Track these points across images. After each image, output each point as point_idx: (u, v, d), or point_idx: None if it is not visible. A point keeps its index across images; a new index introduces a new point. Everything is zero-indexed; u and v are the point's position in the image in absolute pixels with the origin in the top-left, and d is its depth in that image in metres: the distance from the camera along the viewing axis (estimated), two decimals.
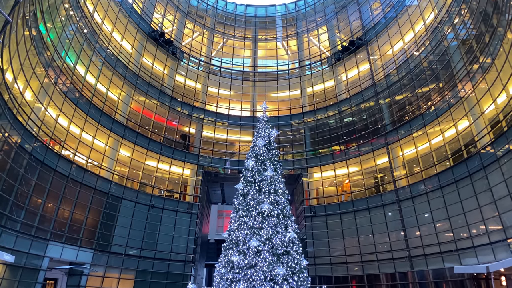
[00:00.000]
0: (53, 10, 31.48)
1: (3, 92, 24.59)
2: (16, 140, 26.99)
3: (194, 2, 57.25)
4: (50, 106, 31.85)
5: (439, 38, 36.44)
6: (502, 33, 27.27)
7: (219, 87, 50.98)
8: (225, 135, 47.39)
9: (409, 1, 43.06)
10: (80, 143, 34.85)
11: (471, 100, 31.57)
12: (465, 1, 32.85)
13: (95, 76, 38.34)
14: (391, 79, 41.64)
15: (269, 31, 58.62)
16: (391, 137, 39.46)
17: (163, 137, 43.42)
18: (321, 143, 45.72)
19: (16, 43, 25.23)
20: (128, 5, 45.52)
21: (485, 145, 28.82)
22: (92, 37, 38.09)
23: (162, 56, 47.66)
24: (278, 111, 49.48)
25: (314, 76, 50.96)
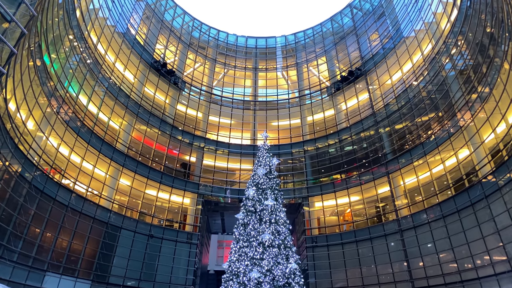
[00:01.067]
0: (58, 42, 32.13)
1: (5, 122, 24.77)
2: (17, 169, 26.97)
3: (196, 33, 58.52)
4: (52, 135, 32.01)
5: (437, 68, 37.00)
6: (499, 64, 27.70)
7: (220, 116, 51.38)
8: (226, 163, 47.37)
9: (406, 32, 43.98)
10: (80, 172, 34.81)
11: (470, 129, 31.72)
12: (462, 33, 33.55)
13: (97, 105, 38.71)
14: (391, 109, 41.99)
15: (269, 61, 59.62)
16: (392, 166, 39.42)
17: (164, 165, 43.40)
18: (322, 171, 45.62)
19: (20, 74, 25.62)
20: (131, 36, 46.50)
21: (486, 174, 28.74)
22: (95, 68, 38.71)
23: (164, 86, 48.29)
24: (279, 140, 49.66)
25: (314, 105, 51.43)
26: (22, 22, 20.28)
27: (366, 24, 52.05)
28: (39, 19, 25.45)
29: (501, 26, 25.68)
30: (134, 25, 48.29)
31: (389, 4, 49.28)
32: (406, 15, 44.45)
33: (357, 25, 53.62)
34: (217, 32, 60.74)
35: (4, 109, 24.49)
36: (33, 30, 24.82)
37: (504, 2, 22.89)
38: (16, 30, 20.10)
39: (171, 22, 55.90)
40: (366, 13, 53.46)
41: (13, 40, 20.10)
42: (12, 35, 20.10)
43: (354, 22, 54.68)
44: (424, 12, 41.03)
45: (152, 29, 51.40)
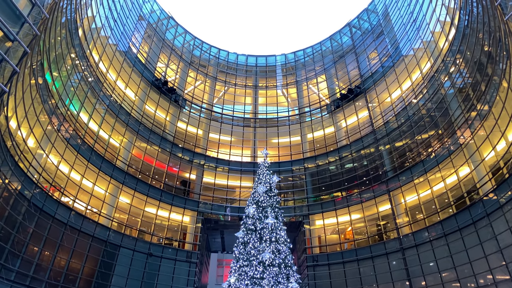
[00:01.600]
0: (60, 60, 32.45)
1: (6, 139, 24.82)
2: (16, 187, 26.89)
3: (197, 52, 59.14)
4: (52, 153, 32.02)
5: (436, 86, 37.24)
6: (498, 82, 27.89)
7: (220, 133, 51.49)
8: (226, 181, 47.24)
9: (405, 51, 44.42)
10: (80, 190, 34.69)
11: (471, 147, 31.73)
12: (460, 51, 33.88)
13: (98, 123, 38.84)
14: (391, 126, 42.10)
15: (269, 79, 60.08)
16: (393, 183, 39.29)
17: (163, 183, 43.26)
18: (323, 189, 45.45)
19: (22, 92, 25.79)
20: (132, 55, 46.98)
21: (487, 192, 28.63)
22: (96, 85, 38.99)
23: (165, 103, 48.55)
24: (279, 157, 49.62)
25: (314, 122, 51.60)
26: (25, 41, 20.51)
27: (365, 43, 52.63)
28: (41, 38, 25.76)
29: (498, 45, 25.94)
30: (136, 43, 48.84)
31: (388, 23, 49.93)
32: (404, 34, 44.98)
33: (356, 43, 54.21)
34: (217, 50, 61.39)
35: (5, 127, 24.57)
36: (35, 49, 25.10)
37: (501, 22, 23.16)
38: (19, 49, 20.32)
39: (173, 41, 56.54)
40: (365, 32, 54.11)
41: (16, 58, 20.30)
42: (15, 53, 20.31)
43: (353, 41, 55.29)
44: (422, 31, 41.52)
45: (154, 48, 51.95)
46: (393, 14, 49.20)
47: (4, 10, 18.83)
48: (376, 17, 53.73)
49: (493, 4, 22.45)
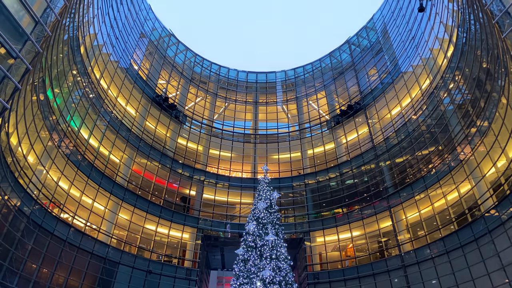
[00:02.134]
0: (61, 77, 32.71)
1: (7, 155, 24.84)
2: (15, 203, 26.79)
3: (197, 69, 59.64)
4: (52, 169, 32.00)
5: (436, 103, 37.41)
6: (497, 98, 28.03)
7: (221, 149, 51.50)
8: (226, 197, 47.04)
9: (404, 68, 44.78)
10: (79, 206, 34.53)
11: (471, 163, 31.70)
12: (459, 68, 34.14)
13: (99, 139, 38.91)
14: (391, 142, 42.14)
15: (269, 95, 60.41)
16: (394, 200, 39.12)
17: (163, 199, 43.08)
18: (323, 205, 45.23)
19: (23, 108, 25.91)
20: (134, 71, 47.36)
21: (489, 209, 28.48)
22: (97, 102, 39.19)
23: (165, 119, 48.71)
24: (279, 173, 49.52)
25: (314, 138, 51.67)
26: (28, 58, 20.70)
27: (364, 60, 53.09)
28: (44, 55, 26.00)
29: (496, 62, 26.16)
30: (137, 60, 49.28)
31: (387, 41, 50.45)
32: (403, 51, 45.41)
33: (356, 60, 54.69)
34: (218, 67, 61.91)
35: (6, 143, 24.61)
36: (37, 66, 25.31)
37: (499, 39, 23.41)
38: (21, 66, 20.50)
39: (174, 58, 57.07)
40: (364, 49, 54.65)
41: (18, 75, 20.46)
42: (17, 70, 20.48)
43: (352, 58, 55.80)
44: (421, 48, 41.92)
45: (155, 65, 52.40)
46: (391, 32, 49.76)
47: (8, 28, 19.07)
48: (375, 34, 54.34)
49: (490, 22, 22.72)
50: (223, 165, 50.05)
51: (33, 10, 20.34)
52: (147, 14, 55.01)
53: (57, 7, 22.89)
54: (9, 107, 20.36)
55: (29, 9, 20.03)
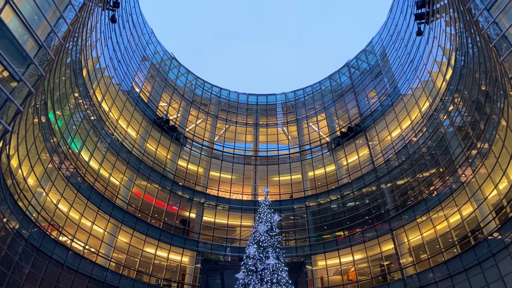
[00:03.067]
0: (63, 99, 32.95)
1: (7, 178, 24.78)
2: (14, 226, 26.56)
3: (198, 91, 60.16)
4: (52, 191, 31.86)
5: (436, 125, 37.53)
6: (496, 121, 28.12)
7: (221, 171, 51.39)
8: (226, 220, 46.64)
9: (403, 90, 45.14)
10: (78, 229, 34.21)
11: (473, 185, 31.55)
12: (458, 90, 34.40)
13: (99, 161, 38.90)
14: (391, 164, 42.07)
15: (270, 117, 60.71)
16: (395, 222, 38.75)
17: (163, 222, 42.71)
18: (325, 228, 44.79)
19: (24, 130, 26.01)
20: (135, 94, 47.74)
21: (491, 232, 28.19)
22: (98, 124, 39.36)
23: (166, 141, 48.79)
24: (280, 195, 49.23)
25: (315, 160, 51.62)
26: (30, 81, 20.91)
27: (363, 82, 53.57)
28: (46, 78, 26.27)
29: (495, 85, 26.37)
30: (139, 83, 49.75)
31: (386, 64, 51.02)
32: (402, 74, 45.87)
33: (355, 83, 55.17)
34: (219, 90, 62.44)
35: (6, 165, 24.59)
36: (40, 89, 25.54)
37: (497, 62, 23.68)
38: (24, 88, 20.69)
39: (175, 80, 57.62)
40: (364, 72, 55.21)
41: (20, 98, 20.63)
42: (20, 93, 20.66)
43: (352, 81, 56.31)
44: (420, 71, 42.36)
45: (156, 87, 52.86)
46: (390, 55, 50.38)
47: (11, 52, 19.34)
48: (374, 57, 55.00)
49: (488, 45, 23.04)
50: (224, 187, 49.84)
51: (37, 34, 20.68)
52: (149, 38, 55.84)
53: (60, 31, 23.27)
54: (10, 129, 20.45)
55: (33, 33, 20.36)
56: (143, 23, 54.36)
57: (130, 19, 48.79)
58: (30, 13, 20.38)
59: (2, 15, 18.18)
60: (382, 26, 55.53)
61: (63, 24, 23.27)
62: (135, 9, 50.62)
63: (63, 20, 23.06)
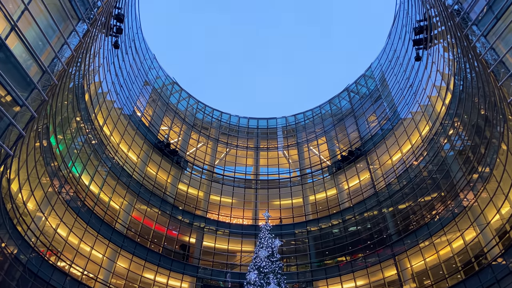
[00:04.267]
0: (65, 123, 33.14)
1: (6, 202, 24.67)
2: (12, 251, 26.26)
3: (200, 115, 60.56)
4: (51, 216, 31.64)
5: (436, 149, 37.56)
6: (497, 145, 28.16)
7: (221, 195, 51.11)
8: (226, 245, 46.07)
9: (403, 114, 45.39)
10: (77, 254, 33.78)
11: (475, 210, 31.32)
12: (457, 115, 34.58)
13: (99, 185, 38.78)
14: (393, 188, 41.88)
15: (270, 141, 60.84)
16: (398, 247, 38.26)
17: (162, 247, 42.20)
18: (326, 253, 44.19)
19: (26, 154, 26.05)
20: (137, 118, 48.03)
21: (495, 257, 27.80)
22: (99, 148, 39.44)
23: (167, 165, 48.75)
24: (281, 220, 48.80)
25: (316, 184, 51.42)
26: (33, 106, 21.09)
27: (363, 107, 53.93)
28: (49, 103, 26.51)
29: (494, 109, 26.55)
30: (140, 107, 50.12)
31: (385, 88, 51.49)
32: (402, 98, 46.22)
33: (355, 107, 55.54)
34: (220, 113, 62.84)
35: (6, 189, 24.52)
36: (42, 113, 25.74)
37: (495, 87, 23.93)
38: (27, 113, 20.85)
39: (176, 104, 58.07)
40: (363, 96, 55.67)
41: (23, 123, 20.76)
42: (22, 118, 20.80)
43: (352, 105, 56.70)
44: (419, 95, 42.71)
45: (158, 111, 53.22)
46: (389, 79, 50.90)
47: (15, 77, 19.59)
48: (373, 82, 55.56)
49: (486, 70, 23.31)
50: (224, 212, 49.48)
51: (41, 60, 21.01)
52: (151, 63, 56.60)
53: (64, 57, 23.62)
54: (12, 153, 20.49)
55: (37, 58, 20.68)
56: (145, 49, 55.20)
57: (132, 44, 49.58)
58: (35, 39, 20.77)
59: (8, 41, 18.54)
60: (381, 52, 56.35)
61: (67, 50, 23.66)
62: (137, 35, 51.50)
63: (67, 46, 23.45)
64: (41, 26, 20.64)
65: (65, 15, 22.70)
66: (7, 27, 18.56)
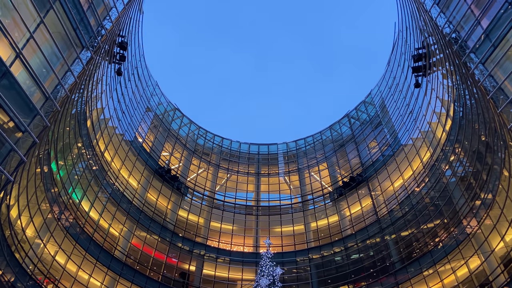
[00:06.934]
0: (67, 149, 33.21)
1: (5, 228, 24.44)
2: (9, 279, 25.81)
3: (201, 141, 60.69)
4: (50, 242, 31.27)
5: (438, 175, 37.40)
6: (499, 171, 28.04)
7: (222, 222, 50.56)
8: (227, 273, 45.22)
9: (404, 140, 45.44)
10: (75, 282, 33.17)
11: (479, 237, 30.89)
12: (458, 141, 34.61)
13: (99, 211, 38.49)
14: (395, 215, 41.47)
15: (271, 167, 60.70)
16: (401, 275, 37.53)
17: (162, 275, 41.45)
18: (329, 282, 43.28)
19: (26, 180, 25.99)
20: (138, 144, 48.16)
21: (501, 286, 27.25)
22: (100, 174, 39.36)
23: (167, 191, 48.50)
24: (282, 247, 48.06)
25: (318, 210, 50.96)
26: (35, 132, 21.20)
27: (364, 133, 54.06)
28: (51, 129, 26.65)
29: (495, 135, 26.60)
30: (142, 133, 50.31)
31: (385, 114, 51.77)
32: (402, 124, 46.39)
33: (356, 133, 55.67)
34: (221, 139, 63.00)
35: (5, 216, 24.34)
36: (44, 139, 25.84)
37: (495, 113, 24.07)
38: (28, 139, 20.94)
39: (178, 130, 58.32)
40: (364, 122, 55.90)
41: (24, 149, 20.81)
42: (24, 143, 20.87)
43: (352, 131, 56.86)
44: (419, 121, 42.88)
45: (159, 137, 53.39)
46: (389, 106, 51.24)
47: (18, 103, 19.76)
48: (373, 108, 55.91)
49: (485, 97, 23.50)
50: (224, 239, 48.83)
51: (45, 87, 21.25)
52: (153, 90, 57.21)
53: (67, 84, 23.92)
54: (13, 179, 20.45)
55: (41, 85, 20.93)
56: (148, 76, 55.93)
57: (135, 72, 50.27)
58: (39, 66, 21.08)
59: (12, 68, 18.81)
60: (380, 79, 56.98)
61: (70, 76, 23.98)
62: (140, 62, 52.29)
63: (70, 73, 23.77)
64: (45, 53, 20.98)
65: (69, 43, 23.10)
66: (12, 55, 18.87)
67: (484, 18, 22.01)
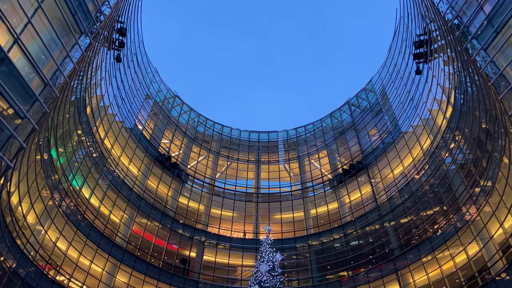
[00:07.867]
0: (66, 136, 33.18)
1: (6, 215, 24.56)
2: (11, 265, 26.04)
3: (201, 128, 60.61)
4: (51, 229, 31.45)
5: (438, 162, 37.42)
6: (498, 158, 28.05)
7: (222, 209, 50.80)
8: (227, 259, 45.62)
9: (404, 128, 45.36)
10: (76, 268, 33.46)
11: (478, 224, 31.05)
12: (458, 128, 34.54)
13: (99, 198, 38.63)
14: (395, 202, 41.62)
15: (271, 154, 60.73)
16: (400, 262, 37.85)
17: (163, 261, 41.80)
18: (328, 268, 43.69)
19: (26, 167, 26.01)
20: (138, 131, 48.11)
21: (499, 272, 27.46)
22: (100, 161, 39.40)
23: (167, 178, 48.61)
24: (282, 234, 48.39)
25: (317, 197, 51.14)
26: (34, 118, 21.14)
27: (364, 120, 53.95)
28: (50, 115, 26.57)
29: (495, 122, 26.52)
30: (142, 120, 50.22)
31: (386, 102, 51.59)
32: (403, 112, 46.25)
33: (356, 121, 55.56)
34: (221, 127, 62.91)
35: (6, 202, 24.43)
36: (43, 126, 25.79)
37: (496, 100, 23.95)
38: (28, 125, 20.89)
39: (178, 118, 58.19)
40: (364, 110, 55.75)
41: (24, 135, 20.78)
42: (23, 130, 20.83)
43: (352, 118, 56.74)
44: (420, 109, 42.75)
45: (159, 125, 53.31)
46: (390, 93, 51.03)
47: (17, 89, 19.67)
48: (374, 96, 55.70)
49: (486, 84, 23.37)
50: (225, 225, 49.13)
51: (44, 73, 21.11)
52: (153, 77, 56.93)
53: (66, 70, 23.78)
54: (12, 166, 20.46)
55: (39, 71, 20.79)
56: (147, 63, 55.60)
57: (135, 58, 49.95)
58: (38, 53, 20.90)
59: (10, 54, 18.66)
60: (381, 66, 56.62)
61: (69, 63, 23.81)
62: (140, 49, 51.92)
63: (69, 59, 23.61)
64: (43, 39, 20.79)
65: (68, 29, 22.88)
66: (10, 40, 18.70)
67: (486, 4, 21.74)
